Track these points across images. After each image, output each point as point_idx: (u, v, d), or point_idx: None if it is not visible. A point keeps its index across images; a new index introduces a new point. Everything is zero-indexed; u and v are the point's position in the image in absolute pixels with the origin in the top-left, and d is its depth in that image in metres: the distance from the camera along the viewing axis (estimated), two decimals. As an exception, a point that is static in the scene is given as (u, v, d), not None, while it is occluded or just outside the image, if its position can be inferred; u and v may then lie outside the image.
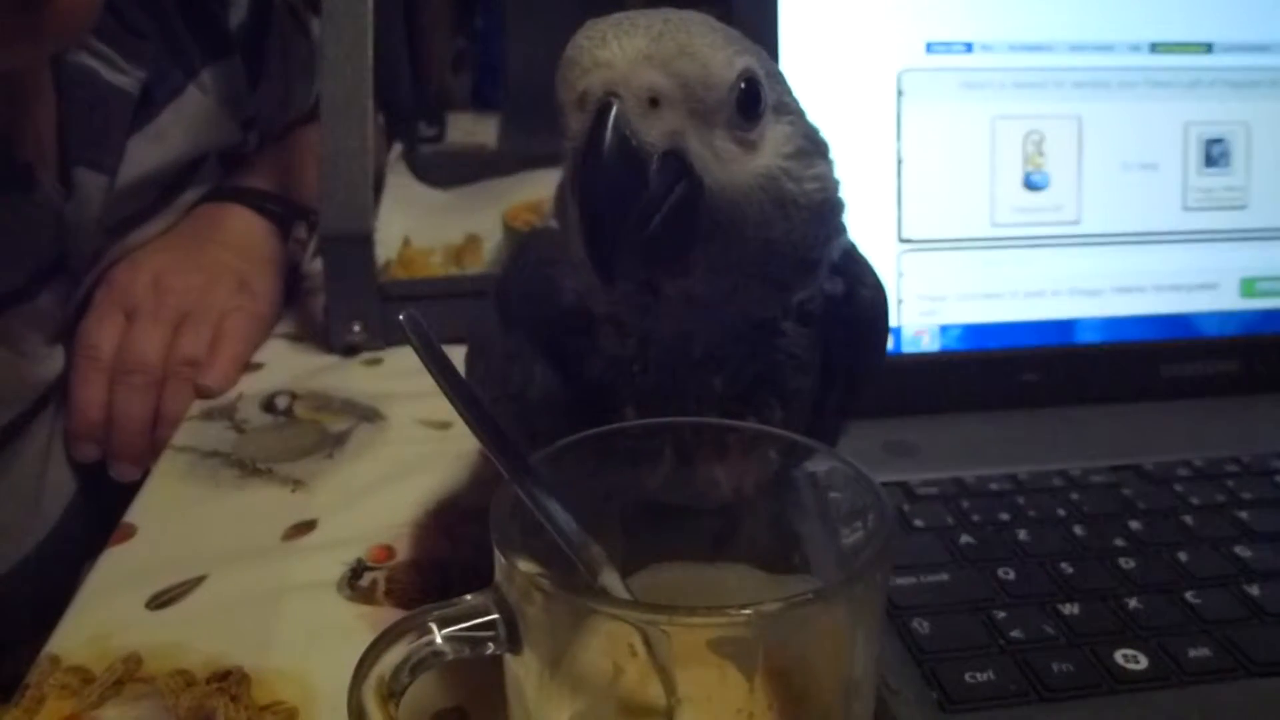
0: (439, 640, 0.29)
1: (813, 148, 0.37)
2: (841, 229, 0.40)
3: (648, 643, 0.29)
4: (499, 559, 0.29)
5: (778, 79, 0.37)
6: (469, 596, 0.30)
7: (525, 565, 0.28)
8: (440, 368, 0.31)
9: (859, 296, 0.41)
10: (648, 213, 0.32)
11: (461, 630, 0.29)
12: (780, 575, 0.37)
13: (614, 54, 0.32)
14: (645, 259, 0.33)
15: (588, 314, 0.38)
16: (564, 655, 0.29)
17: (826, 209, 0.38)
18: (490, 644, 0.29)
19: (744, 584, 0.37)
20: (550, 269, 0.39)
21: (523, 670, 0.29)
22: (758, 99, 0.34)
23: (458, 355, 0.46)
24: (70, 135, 0.68)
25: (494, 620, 0.29)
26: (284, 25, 0.92)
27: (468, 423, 0.32)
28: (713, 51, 0.33)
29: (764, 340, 0.39)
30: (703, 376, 0.38)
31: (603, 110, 0.31)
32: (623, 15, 0.33)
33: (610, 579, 0.31)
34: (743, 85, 0.34)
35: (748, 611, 0.26)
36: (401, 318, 0.31)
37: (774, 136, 0.35)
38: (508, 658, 0.30)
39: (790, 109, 0.37)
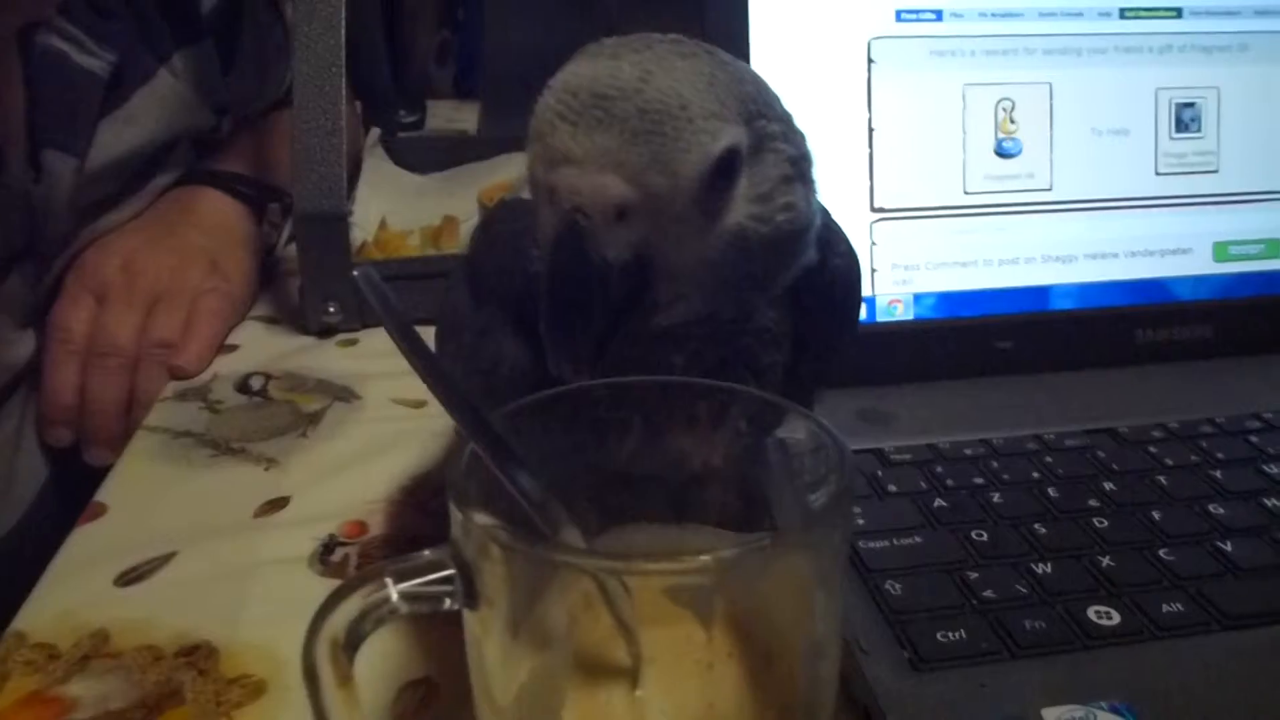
0: (394, 596, 0.28)
1: (793, 170, 0.36)
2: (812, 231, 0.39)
3: (608, 597, 0.28)
4: (454, 513, 0.28)
5: (763, 110, 0.35)
6: (426, 552, 0.29)
7: (481, 518, 0.28)
8: (395, 321, 0.31)
9: (831, 266, 0.41)
10: (609, 316, 0.33)
11: (418, 585, 0.29)
12: (749, 536, 0.36)
13: (584, 151, 0.31)
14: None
15: None
16: (523, 611, 0.29)
17: (796, 236, 0.37)
18: (448, 599, 0.29)
19: (712, 544, 0.36)
20: (519, 241, 0.39)
21: (481, 627, 0.29)
22: (733, 169, 0.34)
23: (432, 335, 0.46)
24: (39, 118, 0.68)
25: (451, 575, 0.29)
26: (257, 9, 0.92)
27: (423, 375, 0.31)
28: (687, 152, 0.32)
29: (734, 325, 0.38)
30: (666, 356, 0.38)
31: (568, 226, 0.31)
32: (599, 86, 0.32)
33: (570, 536, 0.31)
34: (717, 165, 0.33)
35: (705, 558, 0.26)
36: (356, 273, 0.31)
37: (748, 181, 0.35)
38: (466, 614, 0.29)
39: (774, 135, 0.36)
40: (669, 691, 0.30)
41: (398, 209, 0.92)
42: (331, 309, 0.73)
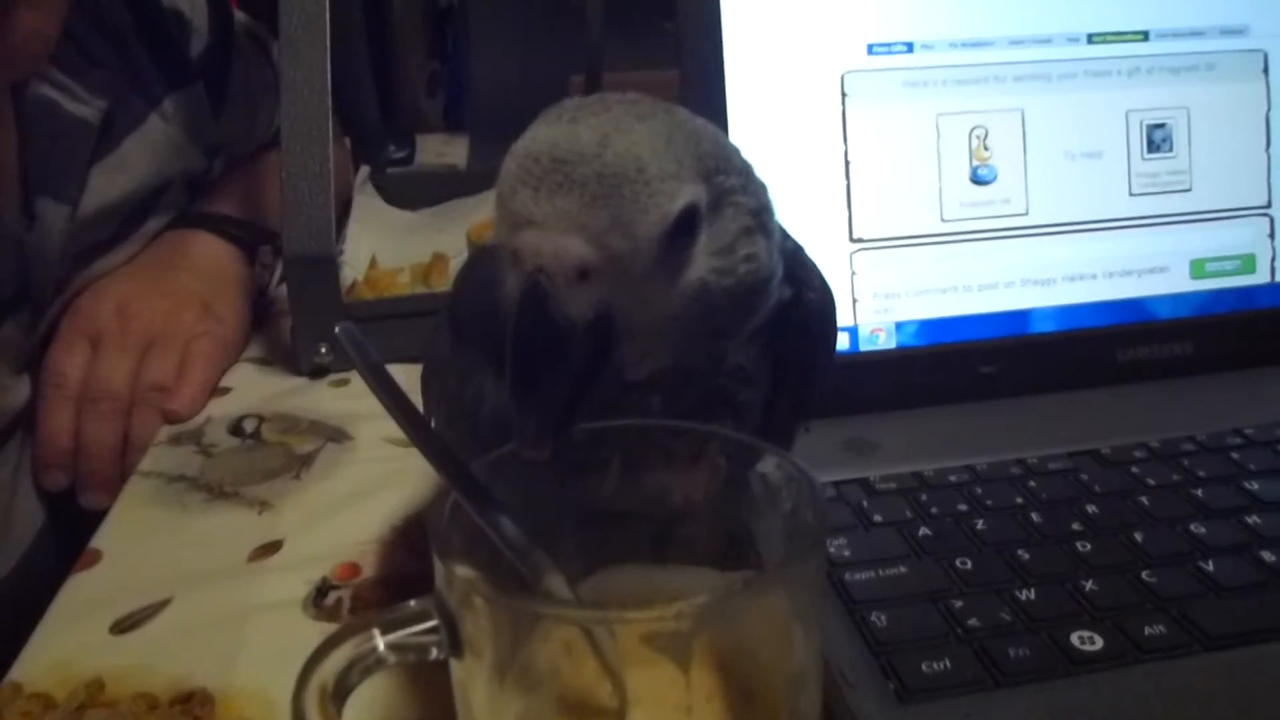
0: (381, 646, 0.29)
1: (753, 222, 0.37)
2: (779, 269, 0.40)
3: (593, 643, 0.29)
4: (438, 565, 0.29)
5: (721, 165, 0.36)
6: (412, 603, 0.30)
7: (463, 571, 0.29)
8: (376, 377, 0.32)
9: (806, 301, 0.42)
10: (573, 378, 0.33)
11: (404, 636, 0.29)
12: (734, 574, 0.37)
13: (545, 214, 0.32)
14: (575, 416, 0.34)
15: None
16: (507, 658, 0.29)
17: (758, 287, 0.38)
18: (434, 649, 0.30)
19: (695, 584, 0.37)
20: (500, 287, 0.39)
21: (467, 674, 0.30)
22: (693, 226, 0.35)
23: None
24: (31, 166, 0.69)
25: (436, 625, 0.29)
26: (246, 52, 0.93)
27: (404, 428, 0.32)
28: (645, 214, 0.33)
29: (707, 368, 0.39)
30: (643, 400, 0.38)
31: (531, 287, 0.32)
32: (559, 151, 0.33)
33: (555, 583, 0.32)
34: (677, 223, 0.34)
35: (681, 605, 0.27)
36: (337, 330, 0.32)
37: (709, 236, 0.36)
38: (452, 662, 0.30)
39: (734, 189, 0.37)
40: (654, 732, 0.30)
41: (388, 246, 0.93)
42: (323, 350, 0.74)
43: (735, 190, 0.36)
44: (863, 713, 0.38)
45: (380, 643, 0.29)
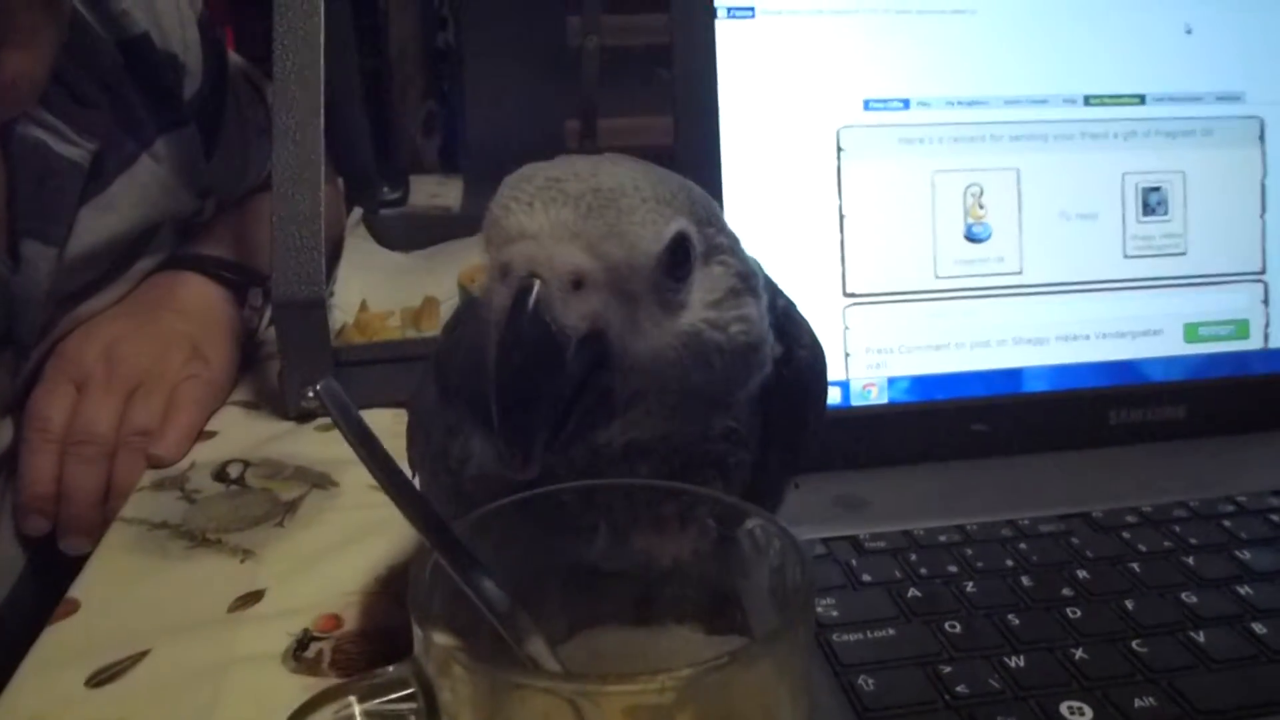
0: (357, 714, 0.29)
1: (743, 285, 0.37)
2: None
3: (575, 713, 0.28)
4: (416, 631, 0.29)
5: (711, 219, 0.37)
6: (390, 668, 0.29)
7: (441, 638, 0.28)
8: (358, 435, 0.31)
9: (796, 358, 0.41)
10: (563, 401, 0.32)
11: (381, 704, 0.29)
12: (722, 636, 0.36)
13: (540, 226, 0.32)
14: (561, 440, 0.33)
15: None
16: (486, 725, 0.29)
17: (750, 350, 0.38)
18: (411, 716, 0.29)
19: (682, 647, 0.36)
20: (487, 341, 0.39)
21: (444, 742, 0.29)
22: (686, 259, 0.34)
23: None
24: (18, 207, 0.68)
25: (413, 693, 0.29)
26: (240, 94, 0.93)
27: (383, 486, 0.31)
28: (642, 228, 0.33)
29: (695, 436, 0.39)
30: (631, 466, 0.38)
31: (523, 292, 0.31)
32: (553, 172, 0.33)
33: (537, 647, 0.31)
34: (671, 249, 0.34)
35: (662, 678, 0.26)
36: (319, 387, 0.31)
37: (701, 286, 0.36)
38: (430, 729, 0.29)
39: (723, 248, 0.37)
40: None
41: (379, 290, 0.93)
42: (310, 394, 0.73)
43: (724, 250, 0.36)
44: (849, 784, 0.38)
45: (357, 711, 0.29)
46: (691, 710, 0.28)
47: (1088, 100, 0.62)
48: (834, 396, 0.60)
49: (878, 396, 0.60)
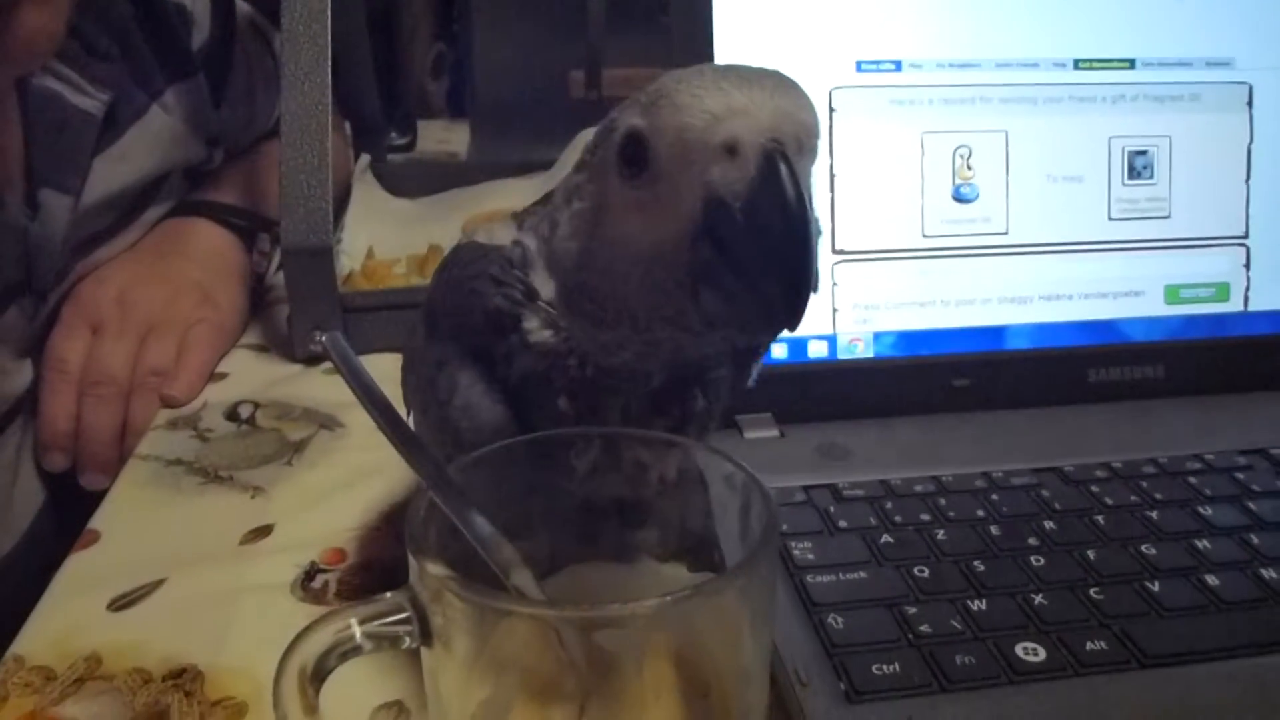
0: (358, 635, 0.31)
1: None
2: None
3: (557, 637, 0.31)
4: (412, 561, 0.31)
5: None
6: (388, 595, 0.32)
7: (435, 568, 0.31)
8: (358, 380, 0.34)
9: None
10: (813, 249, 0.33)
11: (379, 625, 0.32)
12: (701, 574, 0.39)
13: (751, 103, 0.32)
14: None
15: (512, 316, 0.40)
16: (474, 649, 0.31)
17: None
18: (407, 638, 0.32)
19: (661, 584, 0.39)
20: (474, 282, 0.41)
21: (436, 662, 0.32)
22: None
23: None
24: (36, 158, 0.70)
25: (408, 617, 0.31)
26: (247, 43, 0.94)
27: (384, 430, 0.34)
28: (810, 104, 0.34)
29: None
30: (641, 375, 0.40)
31: (773, 157, 0.31)
32: (718, 67, 0.34)
33: (523, 578, 0.34)
34: None
35: (633, 606, 0.29)
36: (324, 338, 0.34)
37: None
38: (424, 650, 0.32)
39: None
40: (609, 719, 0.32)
41: (385, 237, 0.95)
42: (318, 337, 0.76)
43: None
44: (813, 711, 0.40)
45: (357, 631, 0.31)
46: (661, 637, 0.31)
47: (1077, 64, 0.64)
48: (821, 350, 0.62)
49: (863, 351, 0.63)
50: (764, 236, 0.31)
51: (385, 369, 0.47)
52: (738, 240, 0.32)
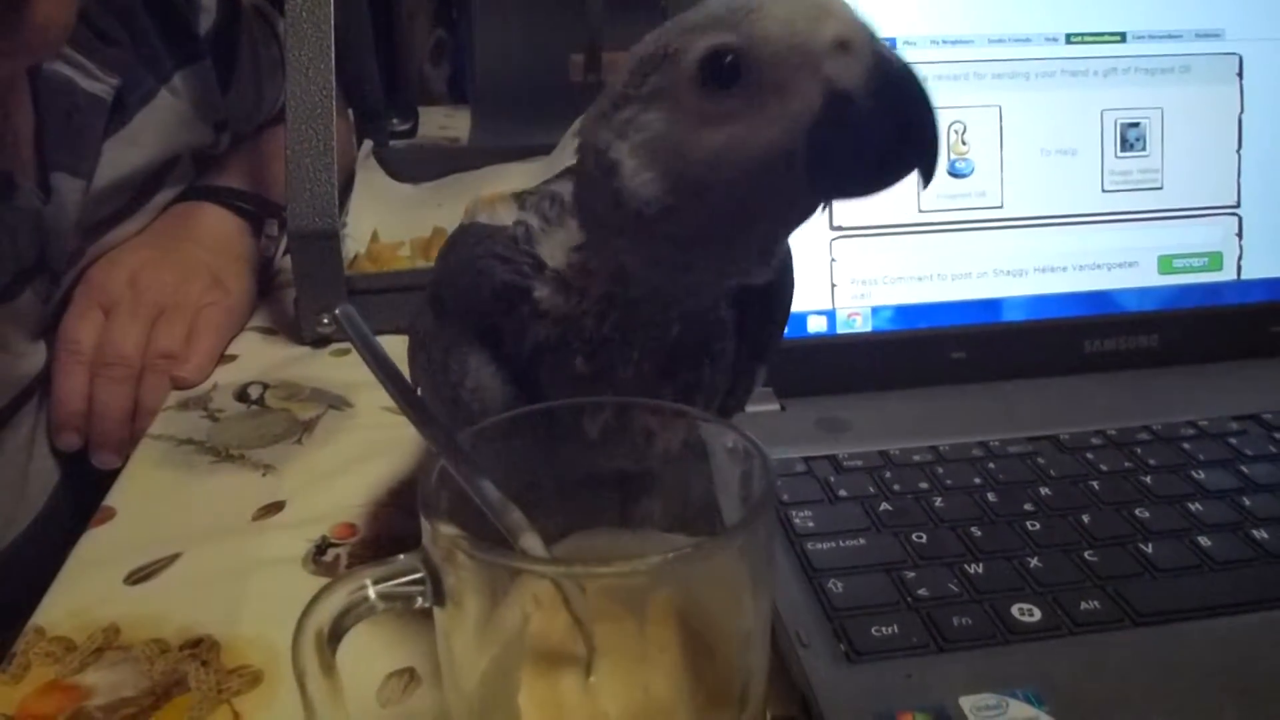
0: (373, 595, 0.32)
1: None
2: None
3: (564, 596, 0.32)
4: (425, 524, 0.32)
5: None
6: (401, 557, 0.33)
7: (446, 528, 0.32)
8: (372, 353, 0.35)
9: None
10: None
11: (393, 586, 0.33)
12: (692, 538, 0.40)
13: (834, 4, 0.34)
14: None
15: (522, 289, 0.41)
16: (485, 608, 0.33)
17: None
18: (419, 598, 0.33)
19: (658, 547, 0.40)
20: (480, 263, 0.42)
21: (448, 622, 0.33)
22: None
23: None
24: (48, 142, 0.71)
25: (422, 578, 0.33)
26: (253, 28, 0.95)
27: (397, 401, 0.35)
28: None
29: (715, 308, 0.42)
30: (658, 331, 0.41)
31: (881, 45, 0.34)
32: None
33: (530, 541, 0.35)
34: None
35: (635, 563, 0.30)
36: (337, 312, 0.35)
37: None
38: (436, 611, 0.33)
39: None
40: (613, 678, 0.33)
41: (389, 221, 0.96)
42: (325, 320, 0.77)
43: None
44: (813, 671, 0.42)
45: (372, 591, 0.33)
46: (663, 593, 0.32)
47: (1069, 38, 0.65)
48: (820, 325, 0.63)
49: (862, 325, 0.64)
50: (895, 115, 0.34)
51: (393, 349, 0.48)
52: (868, 124, 0.33)
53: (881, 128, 0.34)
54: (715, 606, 0.34)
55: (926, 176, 0.35)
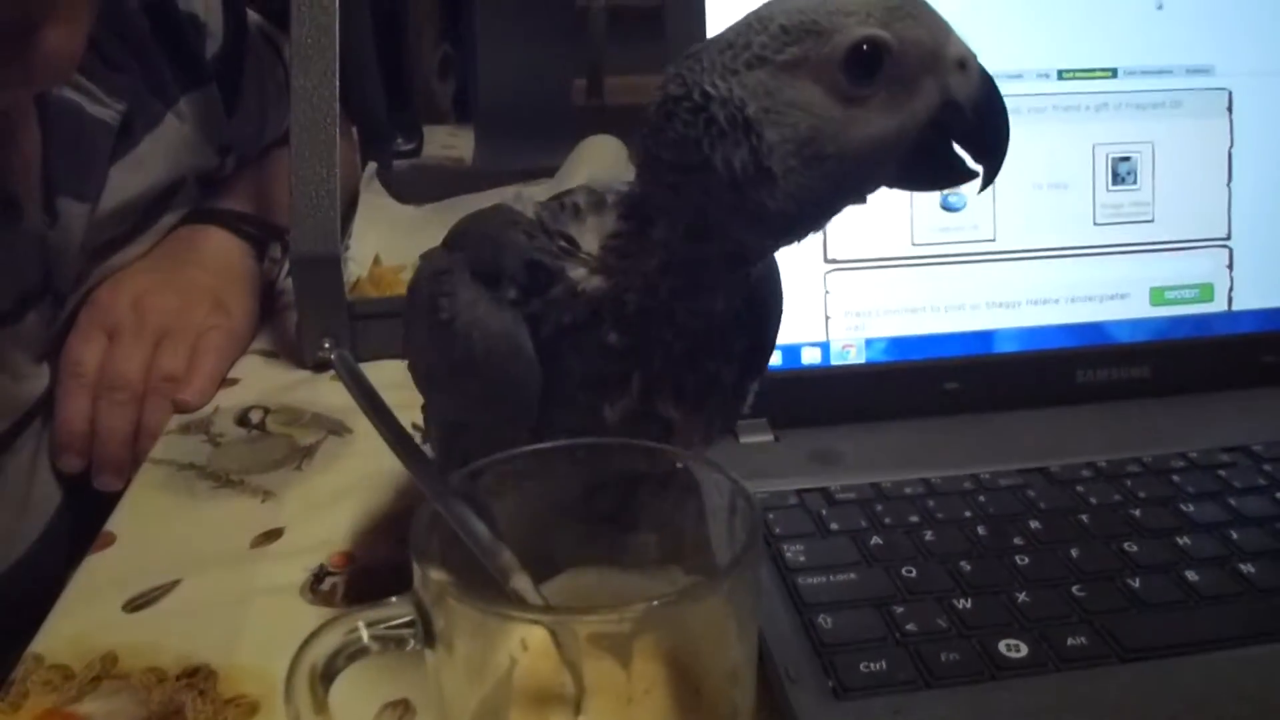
0: (365, 636, 0.33)
1: None
2: None
3: (556, 640, 0.33)
4: (415, 568, 0.33)
5: None
6: (393, 599, 0.34)
7: (436, 574, 0.32)
8: (365, 394, 0.36)
9: (772, 265, 0.46)
10: None
11: (385, 629, 0.33)
12: (696, 577, 0.41)
13: (953, 29, 0.39)
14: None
15: (554, 269, 0.41)
16: (473, 650, 0.33)
17: None
18: (411, 640, 0.34)
19: (654, 585, 0.41)
20: (509, 229, 0.42)
21: (438, 663, 0.34)
22: None
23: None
24: (54, 167, 0.72)
25: (413, 620, 0.33)
26: (259, 52, 0.97)
27: (389, 442, 0.36)
28: None
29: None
30: (701, 305, 0.42)
31: (987, 72, 0.39)
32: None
33: (521, 582, 0.35)
34: None
35: (620, 611, 0.31)
36: (333, 356, 0.36)
37: None
38: (427, 651, 0.34)
39: None
40: (601, 717, 0.34)
41: (392, 243, 0.97)
42: (326, 344, 0.78)
43: None
44: (801, 707, 0.42)
45: (365, 633, 0.33)
46: (648, 639, 0.33)
47: (1061, 74, 0.65)
48: (814, 356, 0.64)
49: (856, 356, 0.64)
50: (989, 128, 0.40)
51: (394, 375, 0.50)
52: (969, 132, 0.39)
53: (976, 136, 0.39)
54: (702, 645, 0.35)
55: (990, 180, 0.41)
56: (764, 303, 0.46)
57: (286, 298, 0.89)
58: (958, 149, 0.40)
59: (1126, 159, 0.66)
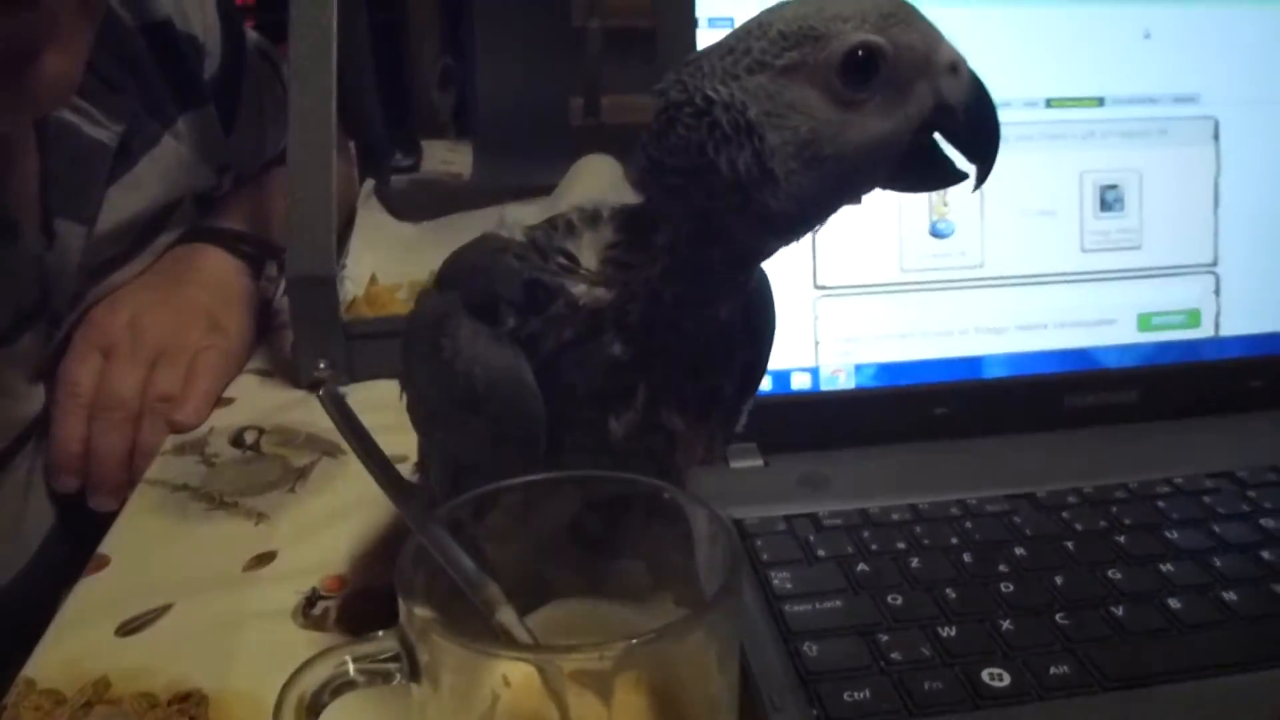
0: (352, 670, 0.34)
1: None
2: None
3: (542, 675, 0.33)
4: (401, 604, 0.34)
5: None
6: (380, 634, 0.35)
7: (421, 611, 0.33)
8: (354, 432, 0.36)
9: (763, 281, 0.47)
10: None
11: (371, 663, 0.34)
12: (684, 607, 0.41)
13: (944, 34, 0.40)
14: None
15: (552, 286, 0.42)
16: (458, 685, 0.34)
17: None
18: (396, 674, 0.34)
19: (642, 616, 0.41)
20: (499, 256, 0.43)
21: (423, 697, 0.34)
22: None
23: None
24: (52, 188, 0.73)
25: (398, 654, 0.34)
26: (258, 71, 0.97)
27: (376, 478, 0.36)
28: None
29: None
30: (704, 311, 0.42)
31: (977, 76, 0.40)
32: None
33: (507, 616, 0.36)
34: None
35: (600, 649, 0.31)
36: (321, 393, 0.36)
37: None
38: (412, 685, 0.35)
39: None
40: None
41: (388, 262, 0.97)
42: (321, 365, 0.78)
43: None
44: (784, 736, 0.43)
45: (351, 667, 0.34)
46: (630, 674, 0.33)
47: (1049, 103, 0.66)
48: (804, 382, 0.64)
49: (845, 382, 0.65)
50: (980, 130, 0.41)
51: (389, 396, 0.50)
52: (960, 133, 0.40)
53: (967, 137, 0.41)
54: (684, 677, 0.36)
55: (981, 181, 0.42)
56: (759, 316, 0.47)
57: (283, 316, 0.89)
58: (950, 151, 0.41)
59: (1114, 186, 0.67)
